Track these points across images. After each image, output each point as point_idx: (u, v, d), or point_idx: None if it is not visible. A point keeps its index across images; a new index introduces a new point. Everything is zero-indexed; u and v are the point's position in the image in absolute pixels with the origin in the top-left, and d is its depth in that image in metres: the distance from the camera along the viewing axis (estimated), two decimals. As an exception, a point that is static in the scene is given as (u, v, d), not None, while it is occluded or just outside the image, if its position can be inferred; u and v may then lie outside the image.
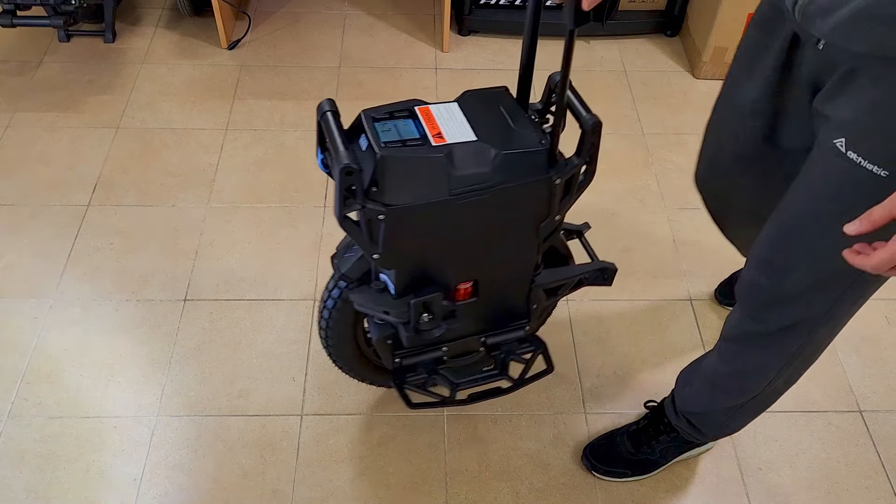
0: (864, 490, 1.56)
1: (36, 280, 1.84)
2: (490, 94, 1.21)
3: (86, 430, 1.58)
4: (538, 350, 1.49)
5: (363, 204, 1.08)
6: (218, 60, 2.47)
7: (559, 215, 1.23)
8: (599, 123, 1.14)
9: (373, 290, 1.28)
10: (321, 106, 1.15)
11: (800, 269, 1.09)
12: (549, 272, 1.38)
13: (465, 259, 1.24)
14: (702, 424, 1.45)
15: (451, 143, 1.10)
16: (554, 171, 1.16)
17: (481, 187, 1.12)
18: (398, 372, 1.43)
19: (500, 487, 1.54)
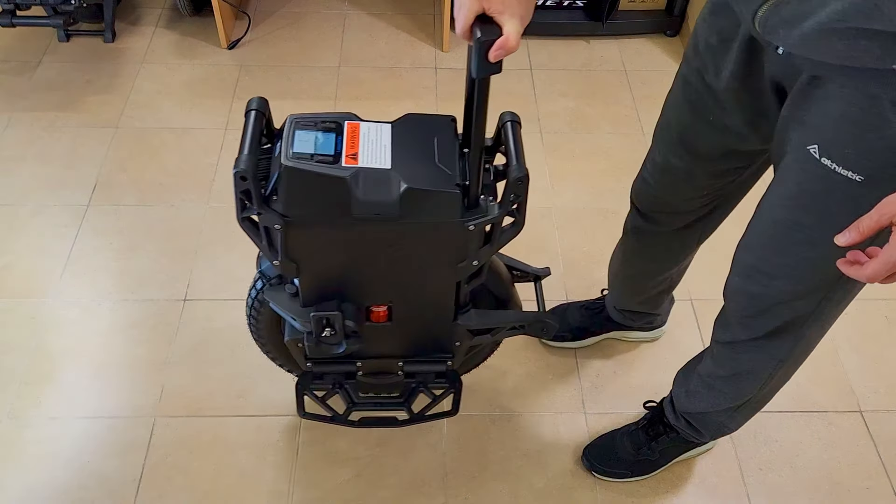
0: (864, 490, 1.56)
1: (36, 280, 1.84)
2: (431, 123, 1.15)
3: (84, 431, 1.58)
4: (451, 389, 1.44)
5: (259, 210, 1.06)
6: (218, 60, 2.47)
7: (477, 260, 1.17)
8: (525, 177, 1.09)
9: (286, 293, 1.25)
10: (250, 103, 1.12)
11: (783, 276, 1.09)
12: (478, 314, 1.32)
13: (373, 283, 1.21)
14: (700, 425, 1.45)
15: (362, 166, 1.05)
16: (468, 217, 1.10)
17: (386, 218, 1.08)
18: (304, 376, 1.40)
19: (499, 488, 1.53)
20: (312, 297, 1.22)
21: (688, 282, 1.61)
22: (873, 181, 0.91)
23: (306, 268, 1.17)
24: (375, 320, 1.28)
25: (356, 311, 1.24)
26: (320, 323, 1.22)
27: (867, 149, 0.89)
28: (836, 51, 0.83)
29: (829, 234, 0.99)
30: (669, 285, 1.57)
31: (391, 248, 1.14)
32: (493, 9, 0.88)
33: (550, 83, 2.45)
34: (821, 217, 0.99)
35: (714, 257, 1.45)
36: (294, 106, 2.32)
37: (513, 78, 2.46)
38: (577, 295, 1.84)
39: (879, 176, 0.90)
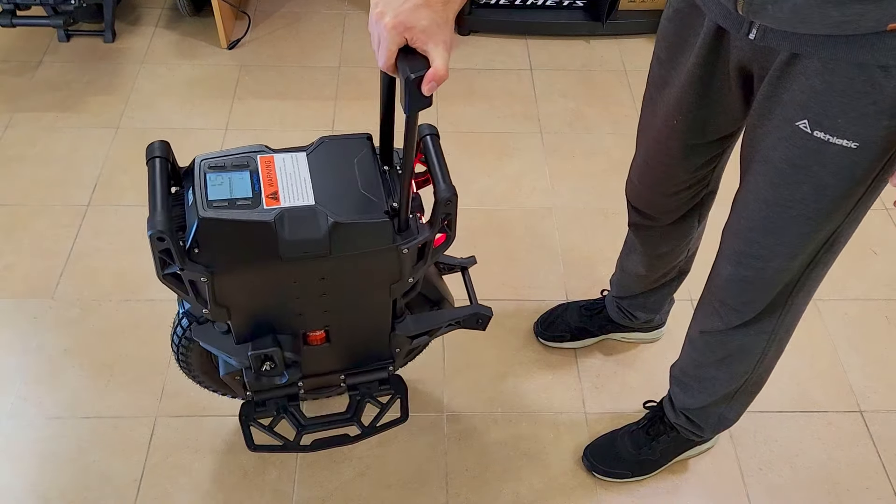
0: (865, 490, 1.56)
1: (36, 280, 1.84)
2: (347, 145, 1.12)
3: (86, 431, 1.58)
4: (397, 395, 1.43)
5: (182, 266, 1.01)
6: (218, 60, 2.47)
7: (412, 278, 1.16)
8: (453, 196, 1.07)
9: (216, 332, 1.21)
10: (150, 149, 1.05)
11: (779, 255, 1.11)
12: (414, 319, 1.31)
13: (307, 313, 1.18)
14: (700, 419, 1.46)
15: (285, 206, 1.02)
16: (401, 240, 1.08)
17: (316, 254, 1.05)
18: (246, 407, 1.36)
19: (500, 488, 1.54)
20: (246, 335, 1.18)
21: (688, 282, 1.62)
22: (868, 146, 0.93)
23: (237, 310, 1.13)
24: (313, 342, 1.25)
25: (293, 340, 1.21)
26: (259, 360, 1.18)
27: (859, 115, 0.91)
28: (830, 18, 0.84)
29: (823, 203, 1.01)
30: (679, 272, 1.58)
31: (323, 280, 1.11)
32: (417, 40, 0.84)
33: (550, 83, 2.45)
34: (815, 189, 1.00)
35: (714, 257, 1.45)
36: (294, 106, 2.33)
37: (513, 78, 2.46)
38: (577, 295, 1.84)
39: (873, 139, 0.92)
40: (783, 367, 1.74)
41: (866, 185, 0.99)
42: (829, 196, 1.00)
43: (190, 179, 1.05)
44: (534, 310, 1.80)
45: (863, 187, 1.00)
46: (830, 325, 1.83)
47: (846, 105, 0.91)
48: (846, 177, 0.97)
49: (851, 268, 1.94)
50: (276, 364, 1.20)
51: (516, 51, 2.56)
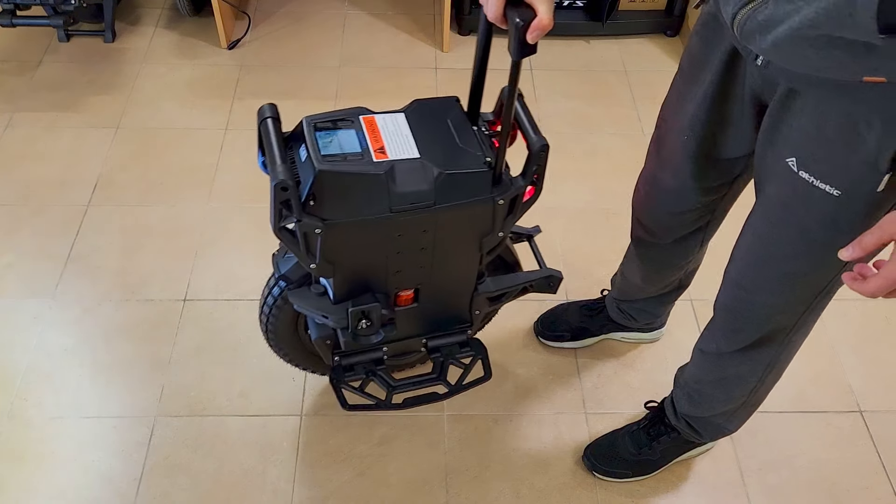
0: (864, 490, 1.56)
1: (36, 280, 1.84)
2: (439, 105, 1.18)
3: (86, 431, 1.58)
4: (478, 356, 1.46)
5: (299, 217, 1.06)
6: (218, 60, 2.47)
7: (502, 232, 1.21)
8: (546, 146, 1.11)
9: (312, 293, 1.26)
10: (262, 111, 1.12)
11: (764, 290, 1.11)
12: (493, 280, 1.36)
13: (405, 269, 1.22)
14: (700, 426, 1.47)
15: (393, 159, 1.07)
16: (496, 192, 1.13)
17: (422, 206, 1.10)
18: (336, 371, 1.41)
19: (500, 487, 1.54)
20: (344, 293, 1.24)
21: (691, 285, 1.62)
22: (850, 196, 0.92)
23: (342, 266, 1.18)
24: (402, 304, 1.31)
25: (387, 298, 1.27)
26: (357, 317, 1.24)
27: (843, 164, 0.90)
28: (808, 59, 0.82)
29: (808, 248, 1.01)
30: (678, 285, 1.58)
31: (425, 233, 1.16)
32: None
33: (551, 84, 2.45)
34: (800, 231, 1.00)
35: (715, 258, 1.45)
36: (295, 106, 2.33)
37: (513, 78, 2.46)
38: (578, 295, 1.84)
39: (856, 191, 0.91)
40: (783, 367, 1.74)
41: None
42: (813, 241, 1.00)
43: (298, 140, 1.11)
44: (534, 310, 1.80)
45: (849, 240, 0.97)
46: (830, 326, 1.83)
47: (833, 151, 0.90)
48: (829, 225, 0.96)
49: (851, 268, 1.94)
50: (372, 322, 1.25)
51: (516, 51, 2.56)
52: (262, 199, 2.04)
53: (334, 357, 1.38)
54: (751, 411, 1.42)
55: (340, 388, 1.41)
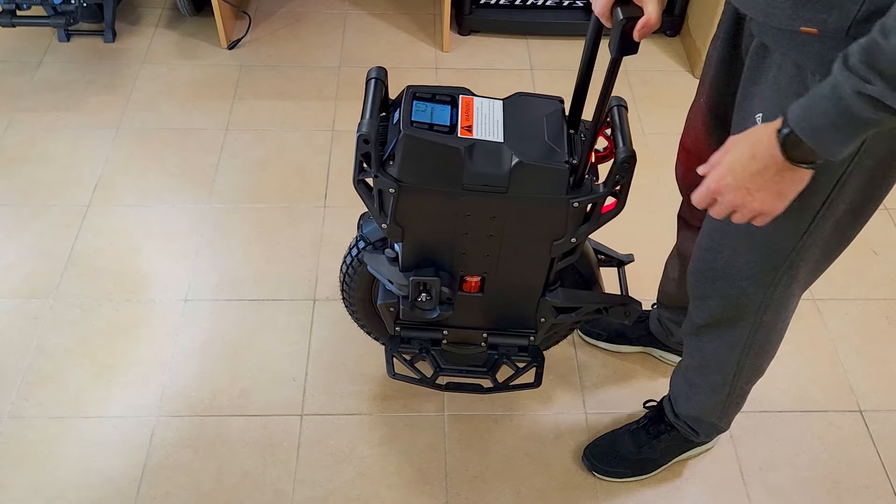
0: (864, 490, 1.57)
1: (36, 280, 1.84)
2: (540, 102, 1.20)
3: (86, 431, 1.58)
4: (534, 363, 1.47)
5: (377, 173, 1.11)
6: (218, 60, 2.47)
7: (575, 238, 1.21)
8: (632, 157, 1.12)
9: (385, 257, 1.30)
10: (370, 72, 1.17)
11: (727, 248, 1.11)
12: (565, 292, 1.35)
13: (471, 253, 1.25)
14: (694, 426, 1.47)
15: (476, 138, 1.10)
16: (573, 195, 1.14)
17: (494, 190, 1.12)
18: (393, 339, 1.45)
19: (500, 487, 1.54)
20: (411, 263, 1.26)
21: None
22: None
23: (410, 233, 1.21)
24: (467, 290, 1.33)
25: (451, 279, 1.28)
26: (418, 287, 1.26)
27: None
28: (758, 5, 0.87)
29: None
30: None
31: (494, 220, 1.18)
32: None
33: (551, 83, 2.45)
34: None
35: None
36: (294, 106, 2.33)
37: (514, 78, 2.46)
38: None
39: None
40: (783, 367, 1.74)
41: (814, 207, 0.98)
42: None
43: (396, 105, 1.16)
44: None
45: (810, 208, 0.98)
46: (830, 325, 1.83)
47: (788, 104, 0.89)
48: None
49: (851, 268, 1.94)
50: (431, 297, 1.28)
51: (517, 51, 2.56)
52: (262, 199, 2.05)
53: (396, 326, 1.42)
54: (738, 405, 1.42)
55: (392, 356, 1.45)
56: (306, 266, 1.89)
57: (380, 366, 1.70)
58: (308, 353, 1.73)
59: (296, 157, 2.17)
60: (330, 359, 1.72)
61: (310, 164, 2.15)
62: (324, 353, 1.73)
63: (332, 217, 2.01)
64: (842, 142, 0.79)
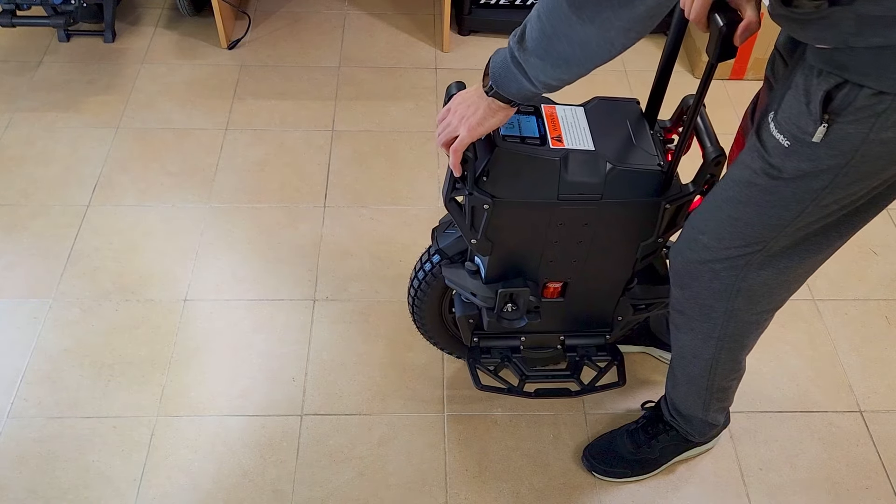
0: (864, 490, 1.56)
1: (36, 280, 1.84)
2: (618, 105, 1.21)
3: (86, 431, 1.58)
4: (615, 361, 1.48)
5: (471, 191, 1.11)
6: (218, 60, 2.47)
7: (661, 238, 1.22)
8: (723, 156, 1.12)
9: (465, 270, 1.30)
10: (450, 88, 1.17)
11: (708, 231, 1.12)
12: (642, 289, 1.36)
13: (559, 260, 1.25)
14: (684, 422, 1.48)
15: (569, 148, 1.10)
16: (665, 196, 1.14)
17: (589, 197, 1.12)
18: (473, 351, 1.45)
19: (500, 487, 1.54)
20: (496, 275, 1.26)
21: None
22: (795, 147, 0.95)
23: (500, 246, 1.21)
24: (548, 296, 1.33)
25: (535, 287, 1.28)
26: (505, 299, 1.26)
27: (796, 113, 0.93)
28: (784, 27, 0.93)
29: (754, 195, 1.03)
30: None
31: (585, 227, 1.18)
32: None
33: (550, 83, 2.45)
34: (749, 176, 1.03)
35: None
36: (294, 106, 2.33)
37: (513, 78, 2.45)
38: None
39: (799, 141, 0.94)
40: (783, 367, 1.74)
41: (799, 204, 1.00)
42: (758, 188, 1.02)
43: None
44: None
45: (794, 204, 1.00)
46: (830, 325, 1.83)
47: (793, 100, 0.94)
48: (773, 175, 0.99)
49: (851, 268, 1.94)
50: (518, 307, 1.27)
51: (516, 51, 2.56)
52: (262, 199, 2.05)
53: (474, 337, 1.42)
54: (720, 400, 1.42)
55: (476, 367, 1.45)
56: (306, 266, 1.89)
57: (379, 366, 1.70)
58: (308, 354, 1.72)
59: (295, 156, 2.17)
60: (329, 359, 1.72)
61: (309, 163, 2.14)
62: (323, 353, 1.73)
63: (331, 217, 2.01)
64: (518, 89, 1.00)
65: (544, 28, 0.93)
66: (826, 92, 0.89)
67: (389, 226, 1.99)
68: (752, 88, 1.82)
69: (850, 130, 0.89)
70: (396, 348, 1.73)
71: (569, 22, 0.90)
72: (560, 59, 0.95)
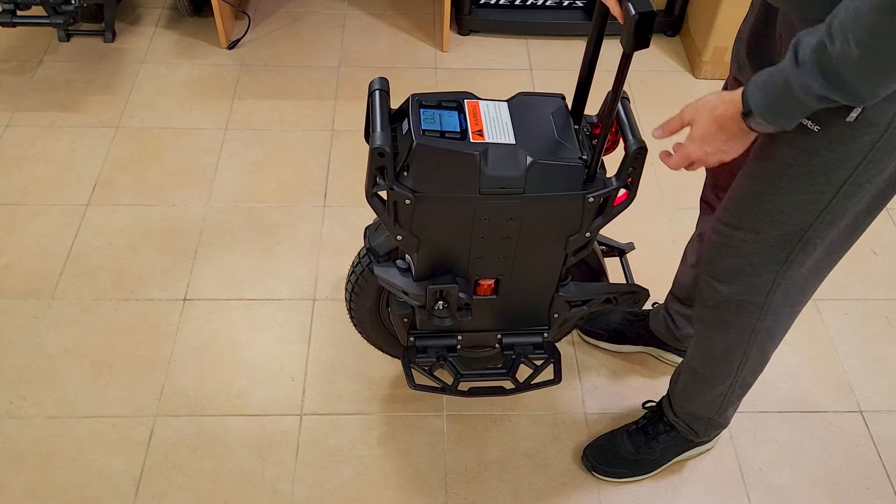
0: (864, 490, 1.56)
1: (36, 280, 1.83)
2: (543, 100, 1.20)
3: (85, 430, 1.58)
4: (551, 359, 1.48)
5: (392, 186, 1.11)
6: (218, 60, 2.47)
7: (589, 233, 1.22)
8: (643, 149, 1.12)
9: (396, 269, 1.30)
10: (372, 84, 1.17)
11: (744, 227, 1.11)
12: (576, 286, 1.36)
13: (487, 256, 1.24)
14: (692, 422, 1.47)
15: (489, 142, 1.10)
16: (588, 189, 1.14)
17: (510, 192, 1.12)
18: (409, 350, 1.44)
19: (499, 487, 1.53)
20: (425, 272, 1.26)
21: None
22: (826, 131, 0.94)
23: (426, 242, 1.20)
24: (482, 293, 1.32)
25: (466, 284, 1.28)
26: (435, 296, 1.26)
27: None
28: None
29: (788, 184, 1.02)
30: None
31: (510, 221, 1.17)
32: None
33: (551, 83, 2.45)
34: (779, 167, 1.02)
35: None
36: (294, 106, 2.33)
37: (513, 78, 2.46)
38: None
39: (831, 124, 0.93)
40: (783, 367, 1.74)
41: (834, 185, 0.99)
42: (790, 176, 1.01)
43: (402, 115, 1.16)
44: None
45: (828, 186, 1.00)
46: (830, 325, 1.83)
47: None
48: (805, 160, 0.98)
49: (851, 268, 1.94)
50: (448, 304, 1.27)
51: (516, 51, 2.56)
52: (262, 198, 2.05)
53: (410, 336, 1.41)
54: (738, 399, 1.41)
55: (410, 367, 1.45)
56: (305, 266, 1.89)
57: (378, 365, 1.70)
58: (307, 353, 1.72)
59: (295, 156, 2.17)
60: (329, 358, 1.72)
61: (309, 163, 2.14)
62: (322, 352, 1.73)
63: (331, 217, 2.01)
64: (794, 118, 0.92)
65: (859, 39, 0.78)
66: None
67: (389, 226, 1.99)
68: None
69: (883, 104, 0.89)
70: (396, 348, 1.73)
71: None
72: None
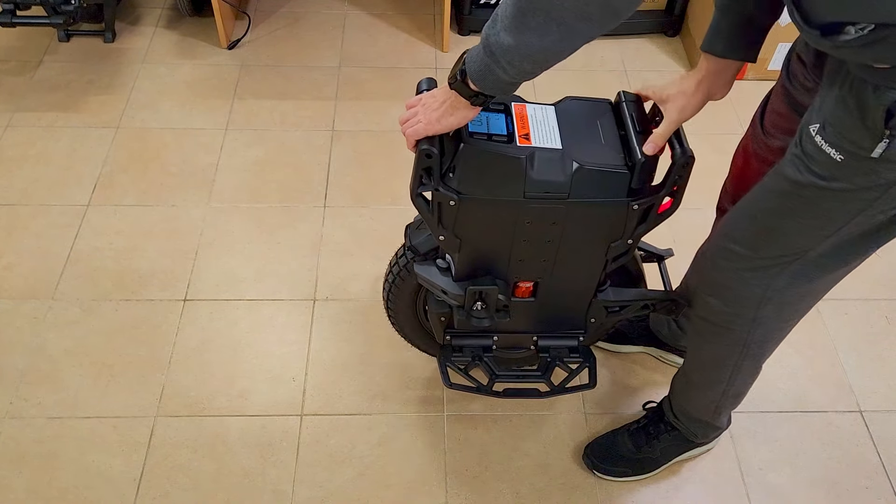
0: (864, 490, 1.56)
1: (36, 280, 1.83)
2: (590, 105, 1.21)
3: (85, 431, 1.58)
4: (587, 364, 1.48)
5: (437, 187, 1.11)
6: (218, 60, 2.47)
7: (631, 239, 1.21)
8: (691, 159, 1.12)
9: (436, 268, 1.30)
10: (420, 84, 1.17)
11: (742, 241, 1.11)
12: (615, 291, 1.36)
13: (528, 260, 1.24)
14: (691, 424, 1.47)
15: (535, 146, 1.10)
16: (633, 196, 1.14)
17: (555, 196, 1.12)
18: (445, 349, 1.45)
19: (500, 487, 1.54)
20: (465, 272, 1.26)
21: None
22: (849, 162, 0.93)
23: (468, 243, 1.21)
24: (520, 296, 1.32)
25: (506, 286, 1.28)
26: (474, 297, 1.26)
27: (850, 127, 0.92)
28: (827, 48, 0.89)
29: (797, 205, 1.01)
30: None
31: (553, 225, 1.18)
32: None
33: (551, 83, 2.45)
34: (793, 187, 1.01)
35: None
36: (294, 106, 2.33)
37: (513, 78, 2.46)
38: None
39: (855, 156, 0.92)
40: (783, 367, 1.74)
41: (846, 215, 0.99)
42: (803, 199, 1.00)
43: None
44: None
45: (840, 214, 0.99)
46: (830, 325, 1.83)
47: (843, 117, 0.91)
48: (822, 188, 0.97)
49: (851, 268, 1.94)
50: (487, 305, 1.27)
51: (516, 51, 2.56)
52: (262, 199, 2.05)
53: (446, 335, 1.42)
54: (733, 405, 1.42)
55: (446, 365, 1.45)
56: (306, 266, 1.89)
57: (379, 366, 1.70)
58: (308, 353, 1.72)
59: (295, 156, 2.17)
60: (329, 359, 1.72)
61: (309, 163, 2.14)
62: (323, 353, 1.73)
63: (331, 217, 2.01)
64: (495, 85, 0.98)
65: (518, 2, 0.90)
66: (887, 108, 0.86)
67: (389, 226, 1.99)
68: (752, 89, 1.82)
69: None
70: (396, 348, 1.73)
71: None
72: (535, 37, 0.93)
